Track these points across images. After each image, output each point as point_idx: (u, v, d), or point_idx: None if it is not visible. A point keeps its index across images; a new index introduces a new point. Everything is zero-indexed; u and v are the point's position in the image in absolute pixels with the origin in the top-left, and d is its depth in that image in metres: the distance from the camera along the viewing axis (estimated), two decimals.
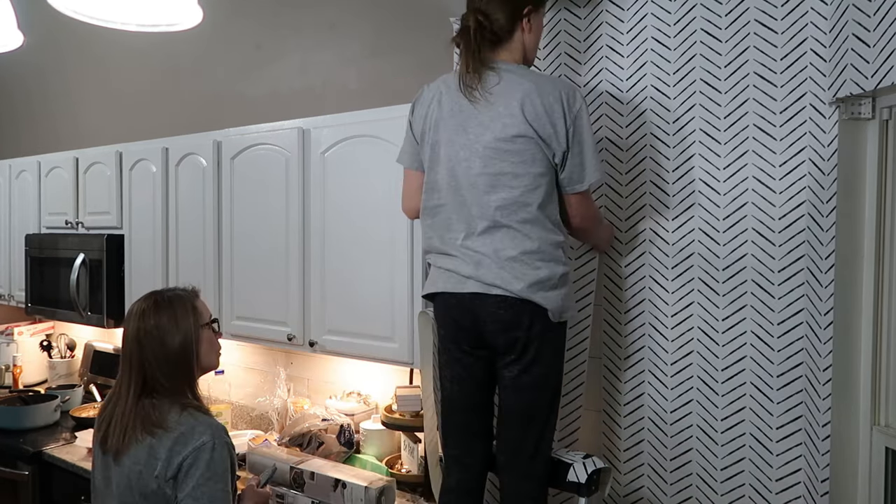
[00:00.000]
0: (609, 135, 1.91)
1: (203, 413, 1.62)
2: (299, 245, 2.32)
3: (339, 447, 2.36)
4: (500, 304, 1.55)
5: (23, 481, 2.73)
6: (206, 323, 1.70)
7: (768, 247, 1.67)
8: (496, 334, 1.57)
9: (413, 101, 1.75)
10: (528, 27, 1.66)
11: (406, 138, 1.76)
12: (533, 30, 1.67)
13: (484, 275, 1.55)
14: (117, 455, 1.57)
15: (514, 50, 1.66)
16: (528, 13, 1.65)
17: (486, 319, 1.57)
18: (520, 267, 1.54)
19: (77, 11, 1.33)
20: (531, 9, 1.65)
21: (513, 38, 1.65)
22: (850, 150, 1.52)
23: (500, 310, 1.55)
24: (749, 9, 1.69)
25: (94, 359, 3.55)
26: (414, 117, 1.73)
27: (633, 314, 1.87)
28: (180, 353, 1.62)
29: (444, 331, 1.67)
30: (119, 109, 3.69)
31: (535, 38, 1.70)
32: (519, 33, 1.65)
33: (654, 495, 1.85)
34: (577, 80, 1.97)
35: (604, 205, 1.90)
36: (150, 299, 1.67)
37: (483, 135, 1.57)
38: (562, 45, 1.99)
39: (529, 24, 1.66)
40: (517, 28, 1.64)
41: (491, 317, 1.56)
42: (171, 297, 1.68)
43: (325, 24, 2.73)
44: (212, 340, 1.72)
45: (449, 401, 1.69)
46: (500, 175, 1.56)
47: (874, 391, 1.53)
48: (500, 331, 1.56)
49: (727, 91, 1.72)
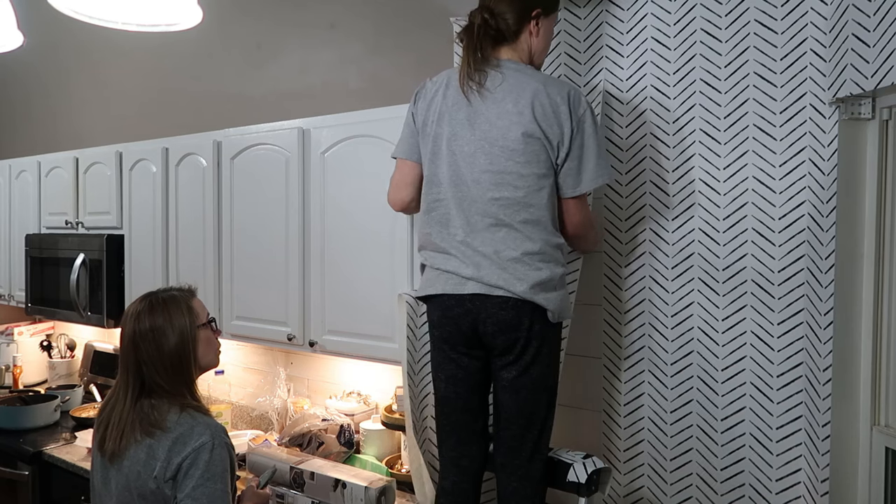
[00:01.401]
0: (609, 135, 1.91)
1: (202, 413, 1.62)
2: (299, 245, 2.32)
3: (339, 447, 2.36)
4: (502, 304, 1.54)
5: (23, 481, 2.73)
6: (203, 323, 1.69)
7: (768, 247, 1.67)
8: (496, 335, 1.56)
9: (415, 91, 1.74)
10: (536, 30, 1.65)
11: (405, 129, 1.75)
12: (541, 34, 1.66)
13: (485, 276, 1.55)
14: (116, 456, 1.57)
15: (520, 51, 1.65)
16: (536, 16, 1.64)
17: (486, 320, 1.56)
18: (522, 268, 1.54)
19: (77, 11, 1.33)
20: (540, 12, 1.64)
21: (519, 39, 1.64)
22: (850, 150, 1.52)
23: (502, 311, 1.54)
24: (749, 9, 1.69)
25: (94, 359, 3.55)
26: (417, 108, 1.71)
27: (633, 314, 1.87)
28: (176, 353, 1.61)
29: (439, 331, 1.65)
30: (119, 109, 3.69)
31: (544, 43, 1.69)
32: (526, 35, 1.64)
33: (653, 495, 1.85)
34: (577, 80, 1.97)
35: (604, 205, 1.90)
36: (146, 301, 1.66)
37: (490, 131, 1.57)
38: (562, 45, 1.99)
39: (538, 27, 1.65)
40: (524, 29, 1.64)
41: (492, 318, 1.55)
42: (165, 297, 1.67)
43: (326, 23, 2.73)
44: (210, 340, 1.71)
45: (444, 401, 1.68)
46: (504, 173, 1.55)
47: (874, 391, 1.53)
48: (499, 331, 1.55)
49: (727, 91, 1.72)
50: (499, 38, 1.63)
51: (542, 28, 1.66)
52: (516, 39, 1.64)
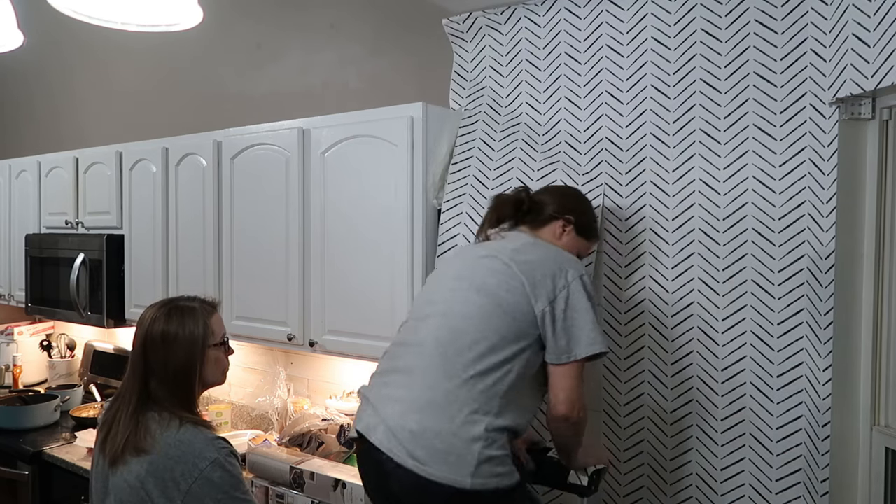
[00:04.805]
0: (609, 135, 1.91)
1: (203, 427, 1.58)
2: (299, 245, 2.32)
3: (339, 447, 2.36)
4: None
5: (23, 481, 2.73)
6: (216, 343, 1.64)
7: (768, 247, 1.67)
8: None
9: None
10: (561, 231, 1.71)
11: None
12: (564, 238, 1.71)
13: None
14: (116, 461, 1.56)
15: (545, 234, 1.71)
16: (566, 221, 1.70)
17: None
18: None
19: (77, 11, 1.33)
20: (570, 220, 1.70)
21: (544, 228, 1.71)
22: (850, 150, 1.52)
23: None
24: (749, 9, 1.69)
25: (94, 359, 3.55)
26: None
27: (633, 314, 1.87)
28: (182, 367, 1.58)
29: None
30: (119, 109, 3.69)
31: (567, 246, 1.70)
32: (552, 226, 1.70)
33: (653, 495, 1.85)
34: (577, 80, 1.97)
35: (604, 205, 1.91)
36: (165, 307, 1.62)
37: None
38: (562, 45, 1.99)
39: (563, 230, 1.71)
40: (554, 222, 1.70)
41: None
42: (185, 307, 1.63)
43: (325, 24, 2.73)
44: (219, 360, 1.66)
45: None
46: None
47: (874, 391, 1.53)
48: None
49: (727, 91, 1.72)
50: (526, 216, 1.72)
51: (567, 236, 1.71)
52: (542, 226, 1.71)
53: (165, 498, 1.49)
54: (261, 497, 2.15)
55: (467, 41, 2.22)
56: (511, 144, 2.07)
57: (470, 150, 2.11)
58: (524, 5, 2.06)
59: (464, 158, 2.11)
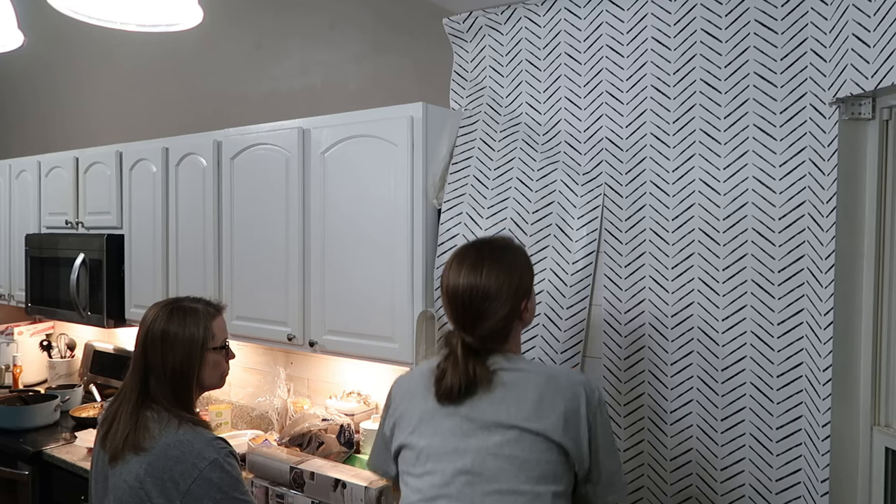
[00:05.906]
0: (609, 135, 1.91)
1: (201, 427, 1.58)
2: (299, 245, 2.32)
3: (339, 447, 2.36)
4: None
5: (23, 481, 2.73)
6: (216, 347, 1.64)
7: (768, 247, 1.67)
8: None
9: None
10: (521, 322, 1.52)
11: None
12: (526, 317, 1.52)
13: None
14: (116, 458, 1.56)
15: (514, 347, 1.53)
16: (526, 303, 1.50)
17: None
18: None
19: (76, 11, 1.33)
20: (529, 295, 1.50)
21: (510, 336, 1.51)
22: (850, 150, 1.52)
23: None
24: (749, 9, 1.69)
25: (94, 359, 3.55)
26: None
27: (633, 314, 1.87)
28: (179, 368, 1.58)
29: None
30: (119, 109, 3.69)
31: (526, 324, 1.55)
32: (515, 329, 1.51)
33: (653, 495, 1.85)
34: (577, 80, 1.97)
35: (604, 205, 1.90)
36: (168, 307, 1.63)
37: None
38: (562, 46, 1.99)
39: (521, 318, 1.51)
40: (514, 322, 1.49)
41: None
42: (188, 308, 1.63)
43: (325, 24, 2.73)
44: (218, 363, 1.65)
45: None
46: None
47: (874, 391, 1.53)
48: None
49: (727, 91, 1.72)
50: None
51: (528, 314, 1.51)
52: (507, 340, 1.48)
53: (164, 498, 1.49)
54: (261, 497, 2.15)
55: (467, 41, 2.22)
56: (511, 144, 2.07)
57: (470, 150, 2.11)
58: (524, 5, 2.06)
59: (464, 158, 2.11)
